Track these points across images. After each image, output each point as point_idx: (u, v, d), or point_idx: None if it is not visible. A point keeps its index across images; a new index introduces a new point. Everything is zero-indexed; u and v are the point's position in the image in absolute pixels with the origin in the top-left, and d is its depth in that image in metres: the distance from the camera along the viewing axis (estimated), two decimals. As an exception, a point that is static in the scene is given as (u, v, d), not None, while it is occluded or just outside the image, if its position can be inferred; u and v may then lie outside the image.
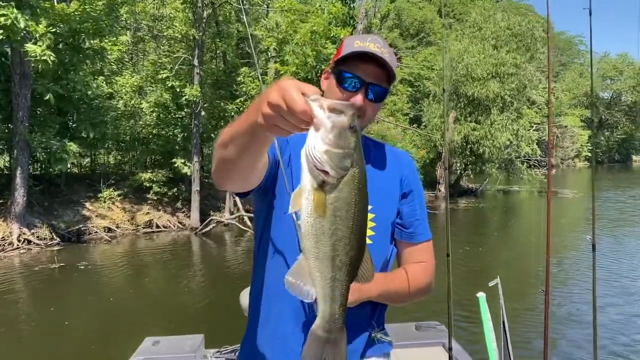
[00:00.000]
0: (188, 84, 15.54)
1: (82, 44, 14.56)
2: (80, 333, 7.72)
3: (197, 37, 15.35)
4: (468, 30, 26.84)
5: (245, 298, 2.53)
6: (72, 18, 13.29)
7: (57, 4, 13.18)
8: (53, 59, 11.71)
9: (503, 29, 25.28)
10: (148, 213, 16.34)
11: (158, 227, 16.21)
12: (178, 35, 15.89)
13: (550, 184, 2.65)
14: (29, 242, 13.56)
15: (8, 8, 11.14)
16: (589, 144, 56.31)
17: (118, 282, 11.21)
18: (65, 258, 12.32)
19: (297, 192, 1.01)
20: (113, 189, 16.16)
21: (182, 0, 15.72)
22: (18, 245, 13.24)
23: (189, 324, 7.41)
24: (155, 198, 16.60)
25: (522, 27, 24.33)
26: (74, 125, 15.26)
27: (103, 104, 16.25)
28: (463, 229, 18.20)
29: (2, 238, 13.13)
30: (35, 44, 11.54)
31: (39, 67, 12.02)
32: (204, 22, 15.96)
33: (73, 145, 13.88)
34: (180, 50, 16.64)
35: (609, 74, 66.31)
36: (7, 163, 17.51)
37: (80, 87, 13.89)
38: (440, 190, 24.48)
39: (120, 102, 17.47)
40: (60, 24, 13.07)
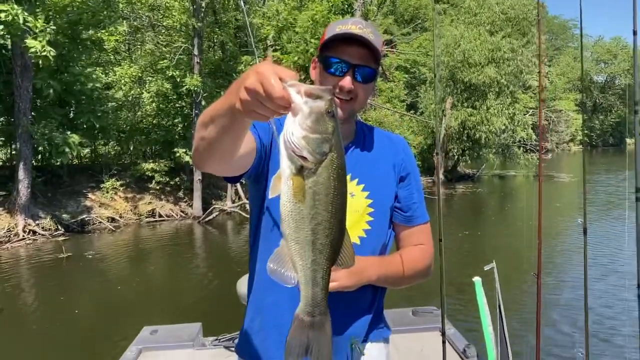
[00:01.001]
0: (188, 74, 15.59)
1: (80, 35, 14.61)
2: (89, 321, 7.89)
3: (196, 26, 15.37)
4: (463, 16, 26.88)
5: (242, 286, 2.55)
6: (69, 9, 13.30)
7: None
8: (53, 54, 11.75)
9: (498, 14, 25.35)
10: (150, 202, 16.46)
11: (161, 216, 16.36)
12: (177, 25, 15.89)
13: (542, 169, 2.74)
14: (34, 233, 13.69)
15: (9, 4, 11.16)
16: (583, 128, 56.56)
17: (124, 271, 11.37)
18: (72, 248, 12.45)
19: (276, 177, 1.01)
20: (115, 179, 16.25)
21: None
22: (23, 237, 13.37)
23: (190, 313, 7.47)
24: (157, 187, 16.71)
25: (516, 10, 24.39)
26: (76, 117, 15.29)
27: (102, 95, 16.31)
28: (460, 214, 18.41)
29: (7, 229, 13.24)
30: (36, 39, 11.56)
31: (40, 62, 12.03)
32: (203, 11, 15.98)
33: (75, 137, 13.96)
34: (180, 40, 16.66)
35: (603, 58, 66.46)
36: (7, 155, 17.59)
37: (82, 79, 13.93)
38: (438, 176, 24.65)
39: (120, 92, 17.52)
40: (58, 17, 13.05)
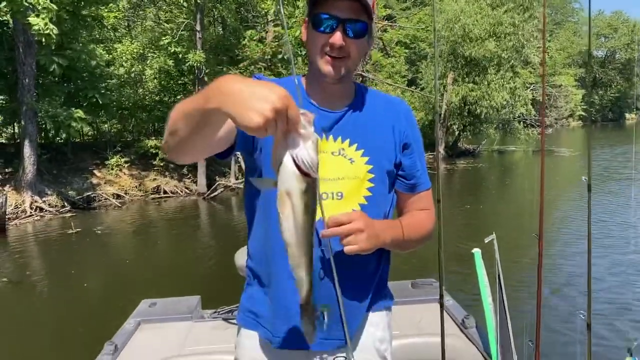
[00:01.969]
0: (191, 50, 15.54)
1: (81, 11, 14.53)
2: (98, 294, 8.03)
3: (199, 1, 15.27)
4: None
5: (240, 258, 2.56)
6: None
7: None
8: (56, 33, 11.70)
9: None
10: (155, 179, 16.56)
11: (166, 192, 16.47)
12: (180, 0, 15.78)
13: (544, 137, 2.64)
14: (41, 209, 13.81)
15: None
16: (583, 103, 56.48)
17: (132, 245, 11.53)
18: (80, 224, 12.58)
19: (281, 195, 1.08)
20: (120, 156, 16.32)
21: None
22: (31, 213, 13.49)
23: (194, 285, 7.50)
24: (162, 164, 16.78)
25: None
26: (78, 94, 15.29)
27: (105, 71, 16.29)
28: (462, 189, 18.56)
29: (15, 206, 13.35)
30: (38, 17, 11.50)
31: (43, 40, 11.98)
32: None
33: (80, 112, 13.99)
34: (182, 16, 16.56)
35: (603, 32, 66.02)
36: (11, 133, 17.61)
37: (85, 56, 13.90)
38: (439, 152, 24.75)
39: (121, 69, 17.47)
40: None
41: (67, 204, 14.36)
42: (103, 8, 15.27)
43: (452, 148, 27.41)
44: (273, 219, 1.19)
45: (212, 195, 16.39)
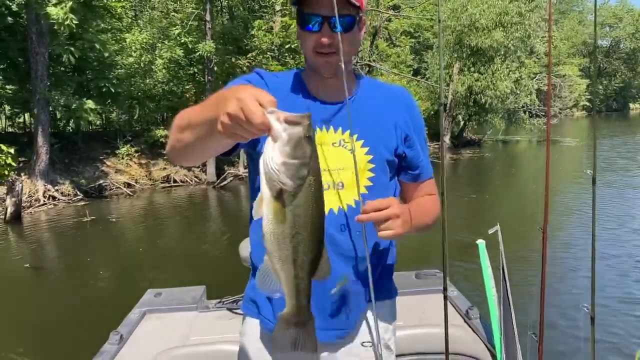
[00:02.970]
0: (200, 40, 15.64)
1: (92, 1, 14.61)
2: (110, 282, 8.14)
3: (209, -9, 15.38)
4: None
5: (244, 249, 2.58)
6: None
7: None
8: (75, 22, 11.81)
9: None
10: (165, 168, 16.72)
11: (175, 181, 16.65)
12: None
13: (550, 127, 2.57)
14: (54, 198, 13.99)
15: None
16: (587, 93, 56.26)
17: (143, 234, 11.69)
18: (93, 212, 12.76)
19: (258, 200, 1.05)
20: (130, 145, 16.48)
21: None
22: (44, 202, 13.67)
23: (200, 275, 7.45)
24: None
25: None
26: (89, 83, 15.42)
27: (114, 62, 16.40)
28: (467, 179, 18.67)
29: (28, 195, 13.51)
30: (56, 7, 11.60)
31: (61, 29, 12.06)
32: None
33: (91, 103, 14.13)
34: (191, 6, 16.64)
35: (608, 22, 65.74)
36: (22, 122, 17.77)
37: (98, 45, 14.01)
38: (445, 142, 24.86)
39: (130, 58, 17.57)
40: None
41: (79, 193, 14.54)
42: (113, -2, 15.38)
43: (457, 138, 27.50)
44: None
45: (221, 184, 16.56)
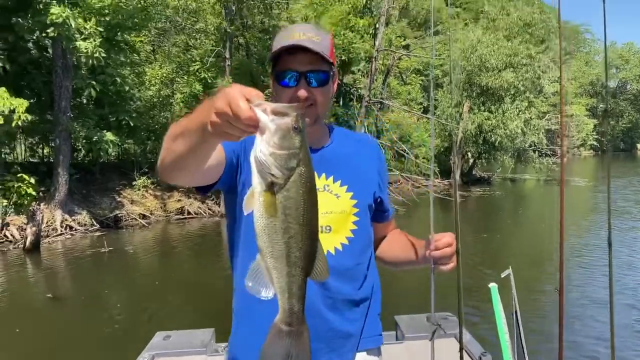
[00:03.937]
0: (219, 76, 16.05)
1: (115, 37, 15.09)
2: (126, 317, 8.08)
3: (229, 30, 15.82)
4: (481, 21, 27.20)
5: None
6: (106, 11, 13.77)
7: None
8: (104, 55, 12.20)
9: (516, 20, 25.68)
10: (180, 200, 16.92)
11: (189, 213, 16.81)
12: (211, 28, 16.34)
13: (564, 174, 2.54)
14: (71, 228, 14.16)
15: (59, 6, 11.61)
16: (595, 133, 56.51)
17: (158, 267, 11.73)
18: (110, 243, 12.89)
19: (249, 194, 1.03)
20: (147, 177, 16.72)
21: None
22: (61, 231, 13.84)
23: (210, 315, 7.26)
24: (186, 186, 17.08)
25: (535, 19, 24.73)
26: (110, 116, 15.76)
27: (133, 95, 16.81)
28: (477, 218, 18.66)
29: (46, 224, 13.68)
30: (85, 41, 12.01)
31: (89, 62, 12.45)
32: (235, 15, 16.44)
33: (110, 135, 14.44)
34: (210, 43, 17.12)
35: (615, 63, 66.50)
36: (41, 153, 18.10)
37: (119, 79, 14.41)
38: (455, 179, 25.03)
39: (149, 92, 17.99)
40: (103, 18, 13.54)
41: (95, 223, 14.71)
42: (135, 34, 15.86)
43: (467, 175, 27.66)
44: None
45: (234, 218, 16.67)
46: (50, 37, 11.75)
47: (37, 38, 13.28)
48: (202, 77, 16.03)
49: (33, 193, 13.24)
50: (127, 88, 15.15)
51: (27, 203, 13.08)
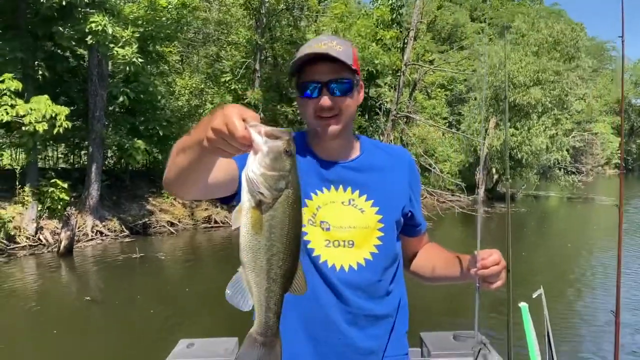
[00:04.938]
0: (249, 87, 16.24)
1: (148, 47, 15.41)
2: (157, 321, 8.22)
3: (260, 42, 16.04)
4: (510, 37, 27.09)
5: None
6: (140, 22, 14.09)
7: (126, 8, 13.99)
8: (141, 61, 12.47)
9: (545, 37, 25.55)
10: (207, 209, 17.08)
11: (216, 222, 16.95)
12: (243, 40, 16.58)
13: (622, 199, 2.45)
14: (102, 233, 14.38)
15: (98, 15, 11.92)
16: (619, 151, 55.68)
17: (188, 273, 11.88)
18: (140, 249, 13.07)
19: (237, 209, 1.07)
20: (176, 185, 16.89)
21: (244, 7, 16.43)
22: (92, 237, 14.06)
23: (235, 323, 7.45)
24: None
25: (565, 36, 24.58)
26: (140, 124, 16.04)
27: (165, 105, 17.09)
28: (501, 235, 18.44)
29: (77, 229, 13.91)
30: (123, 48, 12.30)
31: (128, 68, 12.72)
32: (264, 27, 16.66)
33: (141, 143, 14.69)
34: (240, 55, 17.35)
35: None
36: (73, 159, 18.44)
37: (152, 88, 14.68)
38: (480, 194, 24.87)
39: (178, 102, 18.28)
40: (140, 27, 13.85)
41: (125, 229, 14.92)
42: (167, 44, 16.18)
43: (491, 191, 27.44)
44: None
45: (260, 228, 16.75)
46: (89, 44, 12.03)
47: (74, 46, 13.61)
48: (232, 88, 16.22)
49: (66, 198, 13.49)
50: (158, 97, 15.38)
51: (60, 208, 13.33)
